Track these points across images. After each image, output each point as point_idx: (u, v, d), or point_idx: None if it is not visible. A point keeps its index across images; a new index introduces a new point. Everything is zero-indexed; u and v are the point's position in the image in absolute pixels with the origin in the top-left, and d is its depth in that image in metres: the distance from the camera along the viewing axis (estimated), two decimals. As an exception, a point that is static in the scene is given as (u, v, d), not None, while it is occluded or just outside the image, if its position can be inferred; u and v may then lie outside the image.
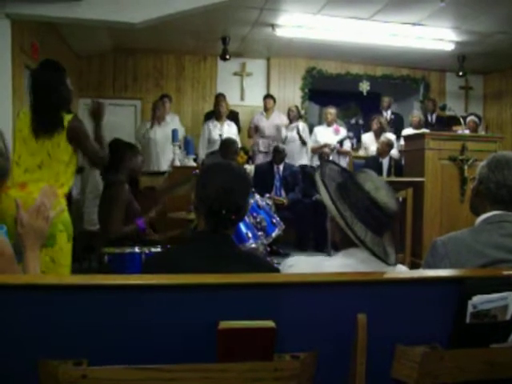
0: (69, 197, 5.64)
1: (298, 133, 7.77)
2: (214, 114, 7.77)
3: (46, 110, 3.33)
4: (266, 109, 8.22)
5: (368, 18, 7.11)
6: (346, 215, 1.73)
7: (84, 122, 3.52)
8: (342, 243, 1.84)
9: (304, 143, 7.86)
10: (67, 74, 3.54)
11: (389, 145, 7.10)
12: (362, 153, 8.01)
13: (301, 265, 1.82)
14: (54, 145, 3.31)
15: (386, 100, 8.76)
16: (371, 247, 1.70)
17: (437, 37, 7.77)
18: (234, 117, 8.22)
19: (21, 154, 3.33)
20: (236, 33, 8.00)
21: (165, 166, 7.22)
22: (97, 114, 3.61)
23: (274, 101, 8.31)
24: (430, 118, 8.79)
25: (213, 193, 1.87)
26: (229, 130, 7.48)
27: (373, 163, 6.97)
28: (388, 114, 8.65)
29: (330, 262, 1.82)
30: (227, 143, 6.28)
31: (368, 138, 8.02)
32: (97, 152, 3.48)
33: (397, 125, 8.50)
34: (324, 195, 1.79)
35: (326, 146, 7.71)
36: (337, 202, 1.76)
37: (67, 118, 3.35)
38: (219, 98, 8.03)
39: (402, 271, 1.85)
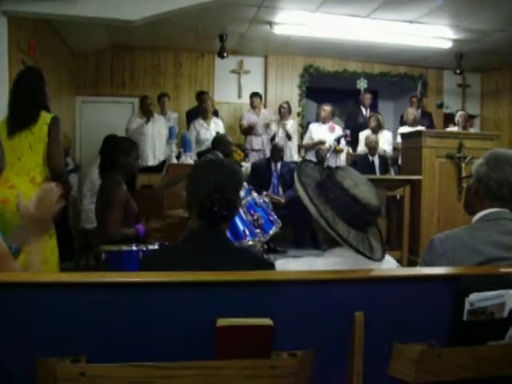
0: (66, 194, 5.66)
1: (284, 128, 7.81)
2: (199, 113, 7.76)
3: (28, 105, 3.47)
4: (253, 107, 8.23)
5: (366, 16, 7.11)
6: (326, 215, 1.70)
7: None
8: (325, 242, 1.81)
9: (289, 138, 7.87)
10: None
11: (376, 142, 7.22)
12: (360, 149, 7.97)
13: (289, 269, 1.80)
14: (35, 138, 3.42)
15: (367, 97, 8.74)
16: (355, 245, 1.67)
17: (434, 35, 7.76)
18: (215, 115, 8.21)
19: (6, 153, 3.39)
20: (234, 30, 7.99)
21: (158, 161, 7.29)
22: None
23: (261, 99, 8.36)
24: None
25: (204, 190, 1.88)
26: (216, 128, 7.47)
27: (363, 162, 6.99)
28: (367, 112, 8.62)
29: (317, 262, 1.80)
30: (225, 140, 6.26)
31: (365, 136, 8.01)
32: (59, 159, 3.60)
33: None
34: (303, 196, 1.75)
35: (320, 142, 7.72)
36: (316, 202, 1.73)
37: (48, 116, 3.52)
38: (204, 95, 8.01)
39: (390, 265, 1.83)
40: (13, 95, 3.60)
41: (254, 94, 8.36)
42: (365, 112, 8.59)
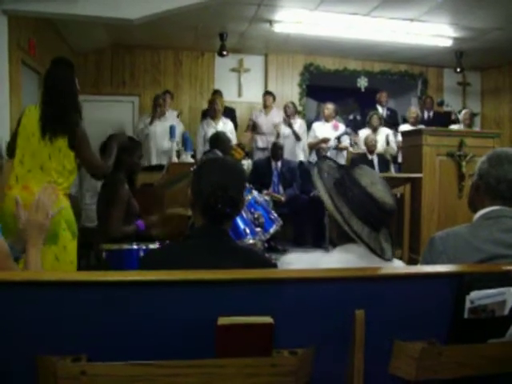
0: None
1: (291, 126, 7.80)
2: (209, 113, 7.76)
3: (58, 110, 3.32)
4: (265, 106, 8.21)
5: (366, 14, 7.10)
6: (342, 211, 1.74)
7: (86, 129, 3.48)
8: (338, 239, 1.84)
9: (298, 138, 7.86)
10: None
11: (376, 141, 7.24)
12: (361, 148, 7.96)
13: (299, 262, 1.82)
14: (54, 149, 3.30)
15: (383, 95, 8.74)
16: (367, 242, 1.71)
17: (434, 33, 7.76)
18: (231, 114, 8.20)
19: (24, 153, 3.33)
20: (234, 29, 7.99)
21: (164, 161, 7.27)
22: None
23: (274, 98, 8.31)
24: (427, 115, 8.77)
25: (208, 188, 1.88)
26: (224, 127, 7.44)
27: (362, 160, 6.99)
28: (384, 110, 8.63)
29: (327, 258, 1.82)
30: (223, 138, 6.26)
31: (365, 134, 7.98)
32: (95, 164, 3.45)
33: (393, 120, 8.49)
34: (321, 190, 1.80)
35: (324, 140, 7.71)
36: (334, 197, 1.76)
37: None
38: (214, 95, 8.02)
39: (398, 266, 1.85)
40: (43, 93, 3.47)
41: (266, 93, 8.34)
42: (381, 111, 8.55)
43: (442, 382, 1.55)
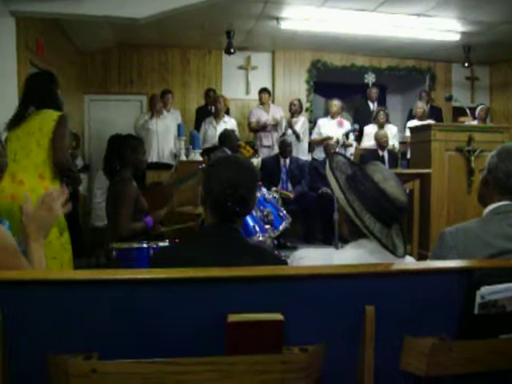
0: (76, 193, 5.70)
1: (291, 127, 7.79)
2: (210, 111, 7.73)
3: (29, 103, 3.57)
4: (262, 103, 8.20)
5: (373, 10, 7.07)
6: (354, 205, 1.74)
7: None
8: (350, 234, 1.84)
9: (298, 139, 7.83)
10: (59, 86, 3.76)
11: (387, 137, 7.20)
12: (367, 144, 7.93)
13: (311, 257, 1.81)
14: (43, 135, 3.44)
15: (373, 91, 8.72)
16: (379, 237, 1.71)
17: (442, 27, 7.72)
18: (227, 113, 8.18)
19: (16, 152, 3.42)
20: (240, 26, 7.98)
21: (167, 158, 7.28)
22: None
23: (270, 94, 8.33)
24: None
25: (218, 186, 1.88)
26: (224, 126, 7.41)
27: (373, 156, 6.97)
28: (375, 106, 8.59)
29: (340, 253, 1.82)
30: (232, 136, 6.27)
31: (371, 130, 7.95)
32: (62, 155, 3.53)
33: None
34: (334, 185, 1.80)
35: (328, 138, 7.69)
36: (346, 192, 1.76)
37: (57, 113, 3.51)
38: (215, 94, 7.98)
39: (410, 263, 1.85)
40: (22, 97, 3.69)
41: (263, 90, 8.33)
42: (372, 106, 8.56)
43: (453, 377, 1.55)
